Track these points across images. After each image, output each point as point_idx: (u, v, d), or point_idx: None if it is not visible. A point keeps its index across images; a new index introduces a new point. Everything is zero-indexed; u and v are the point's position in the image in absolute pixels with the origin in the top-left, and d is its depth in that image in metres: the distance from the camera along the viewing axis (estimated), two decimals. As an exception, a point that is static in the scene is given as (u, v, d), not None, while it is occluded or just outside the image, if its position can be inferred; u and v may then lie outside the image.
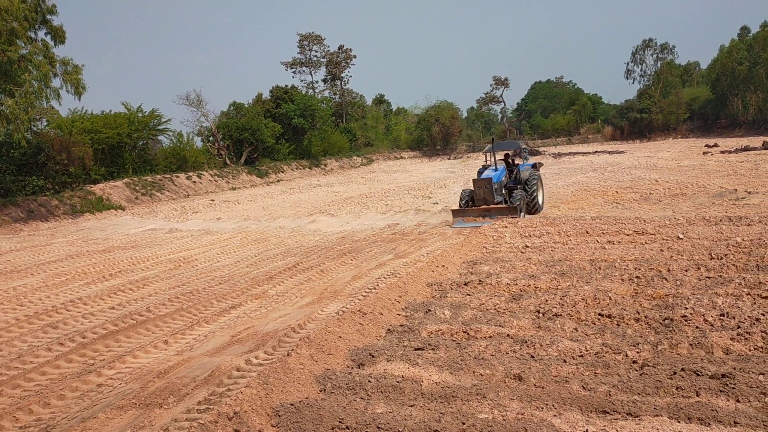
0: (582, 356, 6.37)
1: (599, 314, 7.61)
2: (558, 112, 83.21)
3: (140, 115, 39.26)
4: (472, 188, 18.01)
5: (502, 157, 19.97)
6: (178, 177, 38.74)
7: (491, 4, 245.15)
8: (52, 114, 38.49)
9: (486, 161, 20.18)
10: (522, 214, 16.85)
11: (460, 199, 18.25)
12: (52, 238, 21.34)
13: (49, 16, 26.76)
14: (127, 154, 37.67)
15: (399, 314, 8.36)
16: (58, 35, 27.13)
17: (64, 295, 11.60)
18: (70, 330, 9.19)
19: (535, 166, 20.11)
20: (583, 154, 51.16)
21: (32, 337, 8.96)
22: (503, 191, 18.41)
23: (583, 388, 5.52)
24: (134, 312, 10.01)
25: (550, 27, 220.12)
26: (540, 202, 18.64)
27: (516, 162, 19.93)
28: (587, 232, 13.37)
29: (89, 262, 15.26)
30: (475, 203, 17.90)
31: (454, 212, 17.60)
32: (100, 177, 33.99)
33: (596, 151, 53.02)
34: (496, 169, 18.40)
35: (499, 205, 17.42)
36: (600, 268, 9.99)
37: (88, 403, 6.31)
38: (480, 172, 18.78)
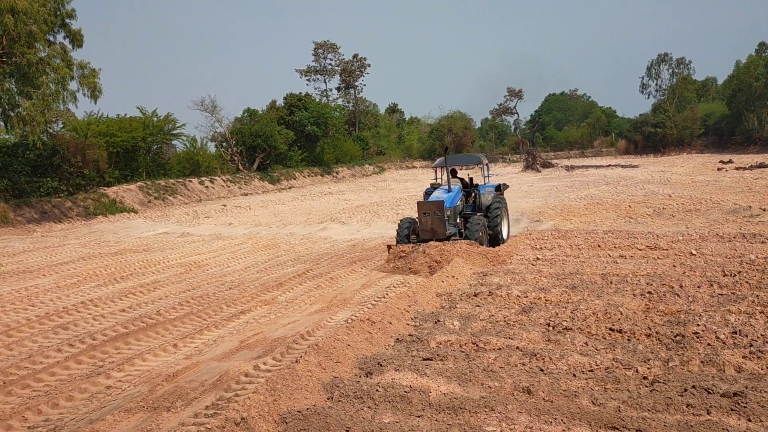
0: (592, 371, 6.31)
1: (610, 329, 7.55)
2: (571, 124, 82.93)
3: (155, 119, 39.57)
4: (417, 215, 13.67)
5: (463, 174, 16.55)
6: (191, 181, 38.95)
7: (507, 15, 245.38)
8: (68, 117, 38.83)
9: (435, 179, 16.21)
10: (484, 245, 13.50)
11: (398, 231, 14.04)
12: (64, 240, 21.49)
13: (68, 20, 27.14)
14: (141, 157, 37.94)
15: (408, 324, 8.33)
16: (76, 39, 27.46)
17: (76, 297, 11.68)
18: (80, 331, 9.24)
19: (499, 189, 16.01)
20: (597, 167, 50.94)
21: (43, 337, 9.02)
22: (458, 220, 14.23)
23: (593, 403, 5.47)
24: (144, 315, 10.06)
25: (566, 39, 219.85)
26: (504, 234, 15.02)
27: (475, 182, 15.93)
28: (599, 246, 13.29)
29: (101, 264, 15.35)
30: (420, 236, 13.57)
31: (391, 249, 13.43)
32: (114, 180, 34.23)
33: (609, 165, 52.76)
34: (449, 190, 14.11)
35: (455, 241, 13.17)
36: (611, 283, 9.92)
37: (97, 405, 6.34)
38: (428, 194, 14.63)
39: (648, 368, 6.24)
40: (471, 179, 15.89)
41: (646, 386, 5.80)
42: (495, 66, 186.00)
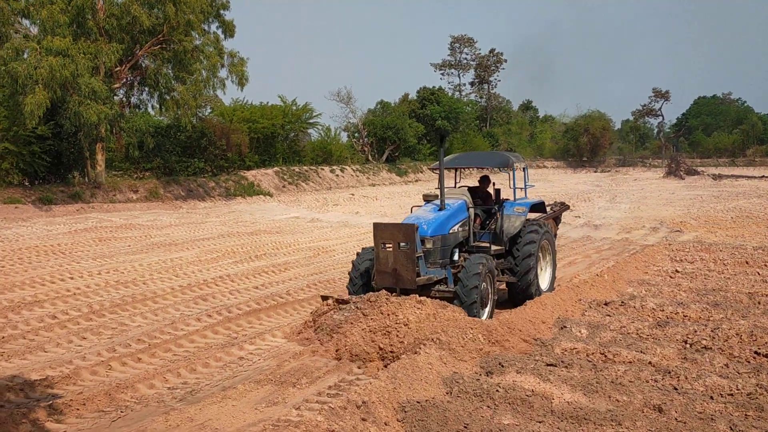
0: (732, 395, 5.85)
1: (755, 352, 6.95)
2: (722, 130, 77.04)
3: (294, 108, 41.31)
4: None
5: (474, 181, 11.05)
6: (322, 169, 40.35)
7: (653, 13, 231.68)
8: (216, 102, 41.53)
9: (441, 187, 9.15)
10: (484, 312, 8.30)
11: (353, 269, 9.07)
12: (206, 217, 23.03)
13: (222, 11, 28.91)
14: (279, 144, 39.79)
15: (532, 326, 8.12)
16: (229, 29, 29.23)
17: (215, 271, 12.48)
18: (217, 304, 9.88)
19: (540, 208, 10.76)
20: (748, 177, 46.97)
21: (184, 306, 9.73)
22: (455, 257, 8.88)
23: (731, 429, 5.07)
24: (275, 293, 10.58)
25: (721, 39, 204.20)
26: (544, 285, 9.92)
27: (500, 196, 10.67)
28: (747, 263, 12.28)
29: (238, 243, 16.29)
30: (377, 279, 8.38)
31: (326, 300, 8.40)
32: (253, 164, 36.17)
33: (763, 176, 48.44)
34: (441, 207, 8.88)
35: (438, 294, 8.32)
36: (759, 303, 9.13)
37: (229, 374, 6.75)
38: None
39: (798, 399, 5.68)
40: (498, 191, 10.71)
41: (795, 419, 5.28)
42: (640, 64, 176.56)
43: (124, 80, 27.92)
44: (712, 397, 5.73)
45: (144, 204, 26.32)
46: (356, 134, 50.18)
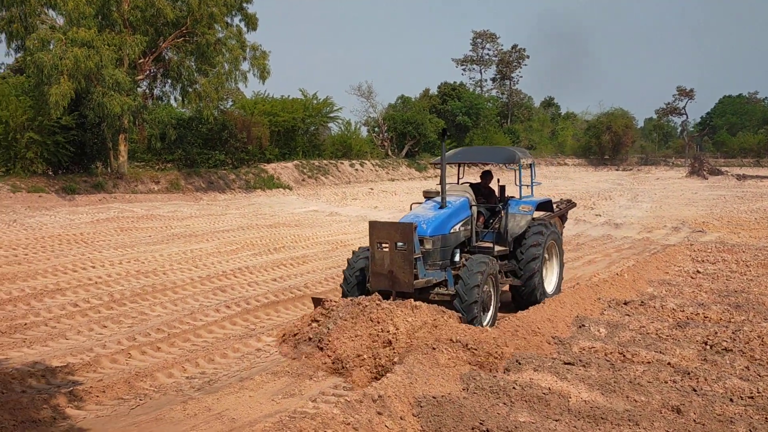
0: (752, 398, 5.77)
1: (777, 356, 6.85)
2: (748, 130, 75.74)
3: (315, 102, 41.35)
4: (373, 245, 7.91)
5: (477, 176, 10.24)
6: (342, 164, 40.38)
7: (678, 10, 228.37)
8: (238, 95, 41.67)
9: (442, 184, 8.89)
10: (486, 317, 7.89)
11: (347, 271, 8.64)
12: (226, 209, 23.18)
13: (245, 5, 28.99)
14: (299, 137, 39.85)
15: (550, 324, 8.07)
16: (252, 22, 29.30)
17: (234, 263, 12.57)
18: (236, 295, 9.96)
19: (547, 206, 10.24)
20: (773, 178, 46.20)
21: (203, 297, 9.83)
22: (456, 258, 8.36)
23: (750, 432, 5.00)
24: (293, 286, 10.64)
25: (747, 37, 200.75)
26: (550, 289, 9.52)
27: (506, 194, 10.16)
28: (771, 265, 12.09)
29: (257, 235, 16.39)
30: (372, 282, 7.84)
31: (317, 302, 7.78)
32: (274, 157, 36.25)
33: (789, 177, 47.56)
34: (442, 206, 8.48)
35: (436, 298, 7.78)
36: (783, 306, 8.98)
37: (247, 365, 6.80)
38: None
39: (821, 404, 5.59)
40: (503, 188, 10.20)
41: (818, 424, 5.20)
42: (665, 61, 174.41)
43: (148, 72, 28.13)
44: (731, 400, 5.66)
45: (165, 195, 26.55)
46: (376, 129, 50.15)
